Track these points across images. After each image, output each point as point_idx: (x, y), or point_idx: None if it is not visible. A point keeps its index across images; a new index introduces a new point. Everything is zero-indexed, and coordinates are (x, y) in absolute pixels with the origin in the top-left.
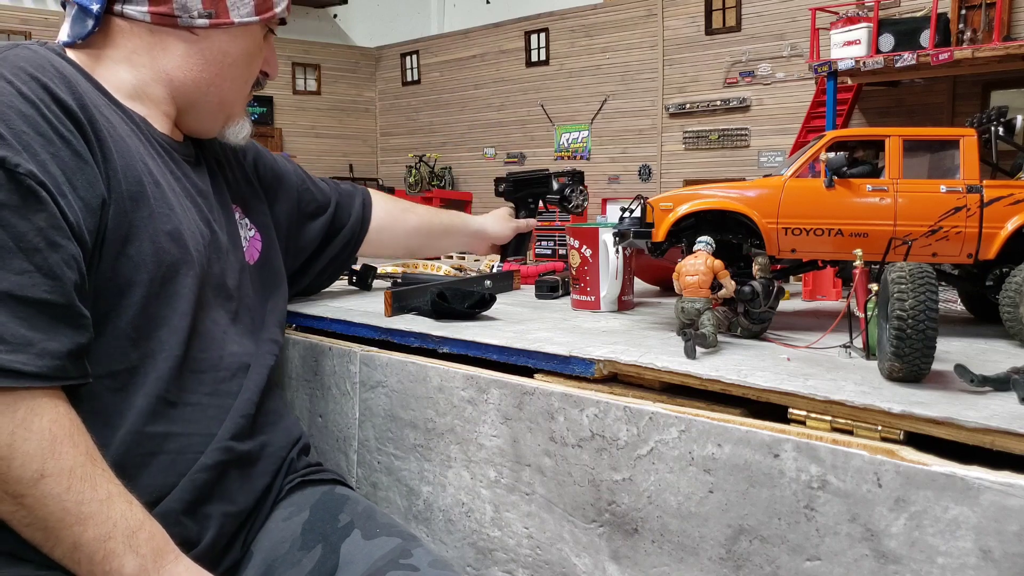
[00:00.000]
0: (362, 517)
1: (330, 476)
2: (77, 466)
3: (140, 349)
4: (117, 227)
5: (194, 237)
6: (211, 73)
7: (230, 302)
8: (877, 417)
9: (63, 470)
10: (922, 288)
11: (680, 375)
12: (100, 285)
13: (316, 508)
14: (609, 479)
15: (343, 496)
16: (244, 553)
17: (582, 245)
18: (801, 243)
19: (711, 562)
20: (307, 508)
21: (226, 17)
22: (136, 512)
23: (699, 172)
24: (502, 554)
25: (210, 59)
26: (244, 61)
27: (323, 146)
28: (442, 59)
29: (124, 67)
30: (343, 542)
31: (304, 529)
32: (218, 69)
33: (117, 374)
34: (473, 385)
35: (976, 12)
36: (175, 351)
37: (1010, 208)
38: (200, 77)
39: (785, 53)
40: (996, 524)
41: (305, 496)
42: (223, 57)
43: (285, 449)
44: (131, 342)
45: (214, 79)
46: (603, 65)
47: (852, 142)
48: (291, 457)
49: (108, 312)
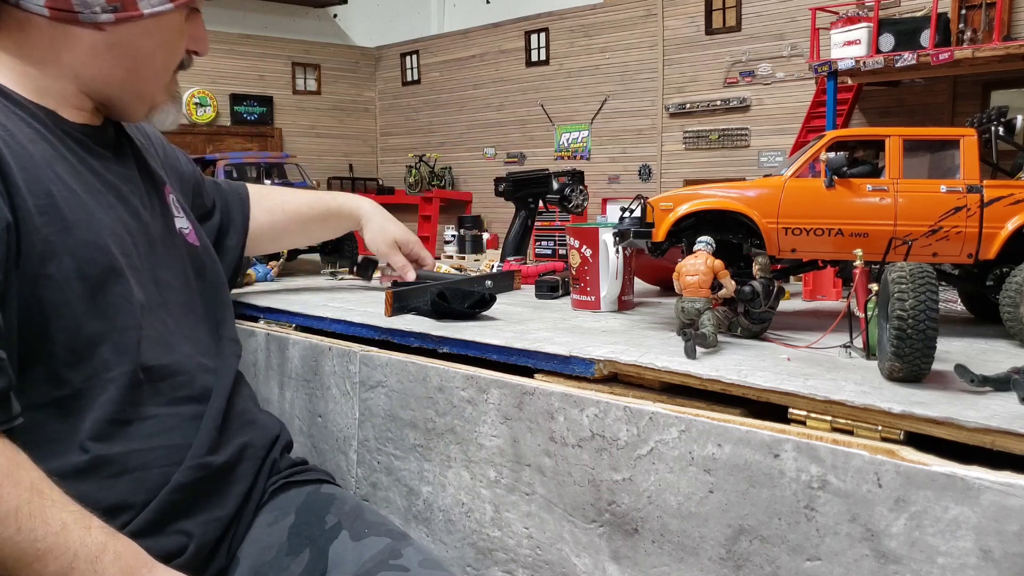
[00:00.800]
0: (349, 517)
1: (314, 476)
2: (23, 504)
3: (82, 371)
4: (30, 248)
5: (120, 239)
6: (124, 69)
7: (177, 294)
8: (877, 417)
9: (8, 512)
10: (922, 288)
11: (680, 375)
12: (24, 313)
13: (302, 511)
14: (609, 479)
15: (329, 496)
16: (230, 560)
17: (582, 245)
18: (801, 243)
19: (711, 562)
20: (292, 511)
21: (134, 9)
22: (96, 536)
23: (699, 172)
24: (502, 554)
25: (121, 55)
26: (162, 53)
27: (323, 146)
28: (442, 59)
29: (26, 62)
30: (331, 544)
31: (290, 533)
32: (131, 64)
33: (61, 400)
34: (473, 385)
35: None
36: (123, 367)
37: (1010, 208)
38: (112, 74)
39: (785, 53)
40: (996, 524)
41: (290, 498)
42: (135, 52)
43: (264, 449)
44: (69, 366)
45: (128, 75)
46: (603, 65)
47: (852, 142)
48: (273, 457)
49: (38, 339)
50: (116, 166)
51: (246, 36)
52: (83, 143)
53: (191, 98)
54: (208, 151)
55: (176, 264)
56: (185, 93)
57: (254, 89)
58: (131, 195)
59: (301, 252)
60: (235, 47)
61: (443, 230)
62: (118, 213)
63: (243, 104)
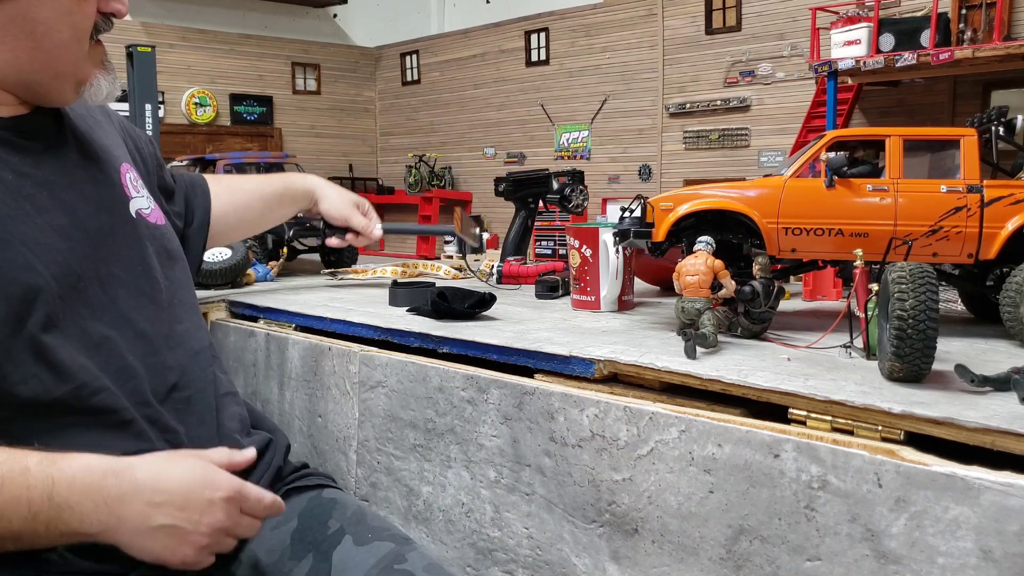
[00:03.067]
0: (352, 521)
1: (316, 481)
2: None
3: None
4: None
5: (48, 248)
6: (26, 49)
7: (129, 288)
8: (877, 417)
9: None
10: (922, 288)
11: (680, 375)
12: None
13: (304, 516)
14: (609, 479)
15: (331, 500)
16: (232, 564)
17: (582, 245)
18: (801, 243)
19: (711, 562)
20: (295, 516)
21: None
22: (36, 475)
23: (699, 172)
24: (502, 554)
25: (17, 33)
26: (64, 21)
27: (323, 146)
28: (442, 59)
29: None
30: (334, 550)
31: (293, 539)
32: (33, 42)
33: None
34: (473, 385)
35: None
36: (61, 390)
37: (1010, 208)
38: (14, 56)
39: (785, 53)
40: (996, 524)
41: (292, 504)
42: (32, 27)
43: (268, 461)
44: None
45: (32, 54)
46: (603, 65)
47: (852, 142)
48: (276, 464)
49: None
50: (50, 158)
51: (246, 36)
52: (4, 140)
53: (191, 98)
54: (208, 151)
55: (131, 253)
56: (185, 93)
57: (254, 89)
58: (67, 189)
59: (301, 252)
60: (235, 47)
61: None
62: (49, 217)
63: (243, 104)
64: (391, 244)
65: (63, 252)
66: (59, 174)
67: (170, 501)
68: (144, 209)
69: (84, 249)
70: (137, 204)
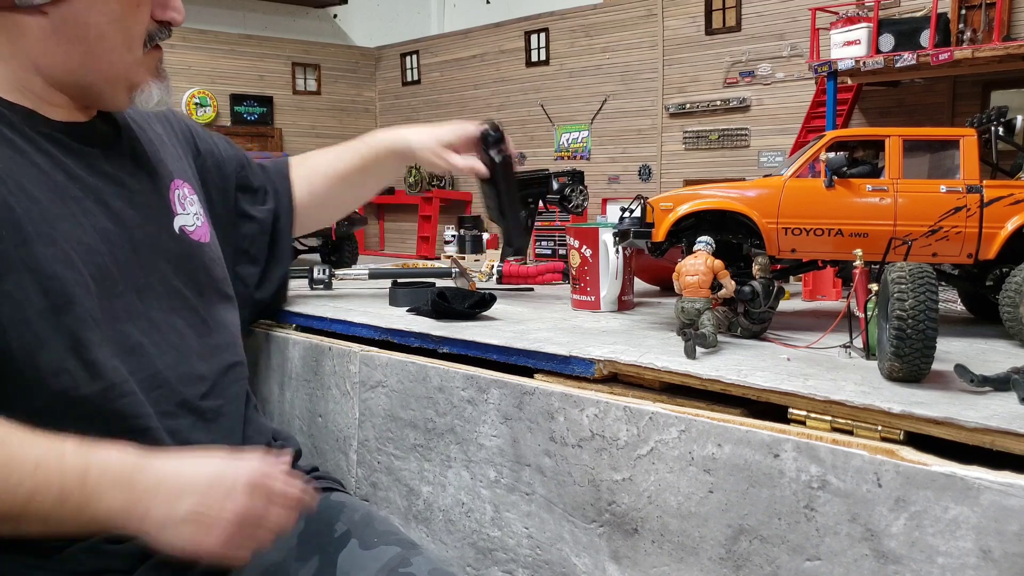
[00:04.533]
0: (359, 525)
1: (324, 483)
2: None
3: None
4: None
5: (90, 250)
6: (79, 52)
7: (163, 301)
8: (877, 417)
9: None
10: (922, 288)
11: (680, 375)
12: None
13: (311, 518)
14: (609, 479)
15: (339, 503)
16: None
17: (582, 245)
18: (801, 243)
19: (711, 562)
20: (302, 518)
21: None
22: (72, 460)
23: (699, 172)
24: (502, 554)
25: (71, 37)
26: (116, 26)
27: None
28: (442, 59)
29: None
30: (340, 552)
31: (300, 540)
32: (85, 46)
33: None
34: (473, 385)
35: (976, 12)
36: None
37: (1010, 208)
38: (68, 59)
39: (785, 53)
40: (996, 524)
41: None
42: (84, 31)
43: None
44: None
45: (85, 58)
46: (603, 65)
47: (852, 142)
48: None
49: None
50: (104, 164)
51: (246, 36)
52: (61, 143)
53: (191, 98)
54: None
55: (169, 267)
56: (185, 93)
57: (254, 89)
58: (115, 197)
59: (301, 252)
60: (235, 47)
61: (443, 230)
62: (94, 220)
63: (243, 104)
64: (391, 244)
65: (103, 255)
66: (109, 182)
67: (192, 488)
68: (188, 226)
69: (124, 256)
70: (182, 220)
